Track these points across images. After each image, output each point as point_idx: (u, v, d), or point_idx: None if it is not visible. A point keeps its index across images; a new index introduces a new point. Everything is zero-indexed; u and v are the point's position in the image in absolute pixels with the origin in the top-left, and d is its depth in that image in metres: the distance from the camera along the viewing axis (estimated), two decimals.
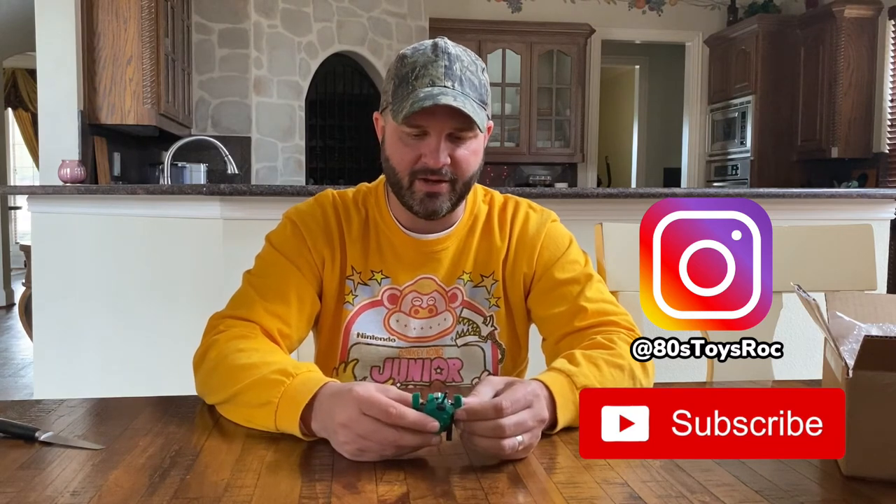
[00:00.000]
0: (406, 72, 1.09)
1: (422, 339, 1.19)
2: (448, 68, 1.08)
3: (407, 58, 1.11)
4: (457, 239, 1.20)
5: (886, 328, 0.91)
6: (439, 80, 1.07)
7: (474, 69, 1.11)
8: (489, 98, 1.14)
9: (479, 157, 1.15)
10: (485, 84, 1.13)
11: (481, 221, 1.22)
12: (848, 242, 1.47)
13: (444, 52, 1.09)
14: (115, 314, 2.89)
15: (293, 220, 1.19)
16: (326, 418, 0.86)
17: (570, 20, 6.65)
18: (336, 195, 1.22)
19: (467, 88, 1.08)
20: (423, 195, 1.11)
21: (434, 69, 1.07)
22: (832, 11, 5.64)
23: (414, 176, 1.11)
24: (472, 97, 1.08)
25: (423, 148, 1.09)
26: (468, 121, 1.07)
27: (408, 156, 1.10)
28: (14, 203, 8.10)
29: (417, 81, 1.07)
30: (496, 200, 1.24)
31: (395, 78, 1.11)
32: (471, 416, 0.82)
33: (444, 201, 1.12)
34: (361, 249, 1.19)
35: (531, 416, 0.84)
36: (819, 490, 0.78)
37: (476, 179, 1.17)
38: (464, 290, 1.20)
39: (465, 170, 1.12)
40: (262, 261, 1.17)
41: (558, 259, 1.19)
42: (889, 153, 5.58)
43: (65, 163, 3.52)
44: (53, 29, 3.78)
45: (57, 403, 1.02)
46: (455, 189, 1.13)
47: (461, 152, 1.10)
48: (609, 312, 1.13)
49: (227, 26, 4.81)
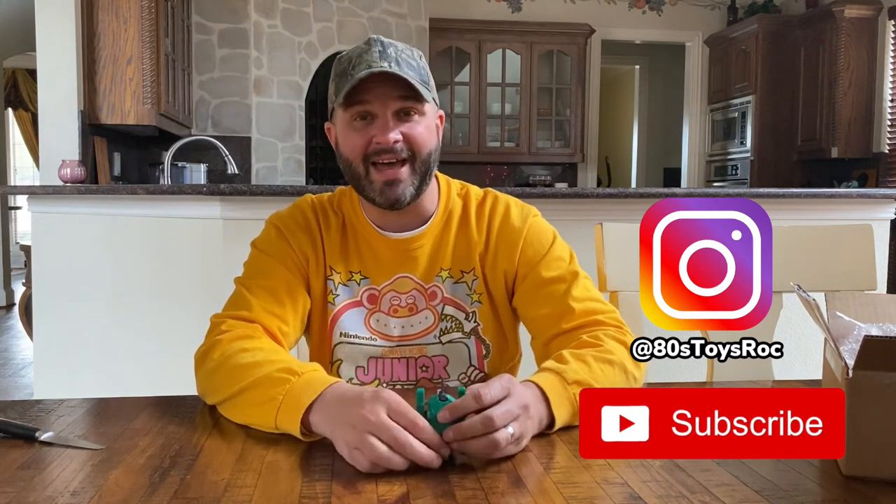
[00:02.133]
0: (343, 67, 1.12)
1: (405, 339, 1.19)
2: (382, 52, 1.10)
3: (342, 57, 1.14)
4: (432, 236, 1.20)
5: (886, 328, 0.91)
6: (375, 62, 1.09)
7: (410, 53, 1.13)
8: (431, 81, 1.15)
9: (433, 135, 1.15)
10: (424, 68, 1.14)
11: (457, 216, 1.21)
12: (848, 242, 1.47)
13: (377, 41, 1.12)
14: (115, 314, 2.89)
15: (276, 225, 1.20)
16: (337, 411, 0.84)
17: (570, 20, 6.65)
18: (314, 199, 1.24)
19: (405, 68, 1.10)
20: (381, 184, 1.12)
21: (369, 55, 1.10)
22: (832, 11, 5.64)
23: (368, 161, 1.11)
24: (411, 76, 1.10)
25: (371, 130, 1.10)
26: (412, 90, 1.08)
27: (358, 142, 1.11)
28: (14, 203, 8.10)
29: (354, 70, 1.09)
30: (473, 194, 1.23)
31: (334, 78, 1.14)
32: (452, 412, 0.81)
33: (405, 187, 1.12)
34: (340, 251, 1.20)
35: (515, 403, 0.84)
36: (819, 490, 0.78)
37: (436, 160, 1.16)
38: (443, 287, 1.19)
39: (421, 144, 1.12)
40: (251, 266, 1.19)
41: (543, 256, 1.17)
42: (889, 153, 5.58)
43: (65, 163, 3.52)
44: (53, 29, 3.78)
45: (57, 403, 1.02)
46: (414, 169, 1.12)
47: (411, 127, 1.11)
48: (596, 311, 1.13)
49: (227, 26, 4.81)
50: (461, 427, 0.81)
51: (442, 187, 1.23)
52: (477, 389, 0.82)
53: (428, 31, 5.92)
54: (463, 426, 0.81)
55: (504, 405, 0.83)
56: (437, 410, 0.82)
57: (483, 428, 0.80)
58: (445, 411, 0.82)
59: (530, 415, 0.86)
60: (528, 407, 0.86)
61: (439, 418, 0.81)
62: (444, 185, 1.23)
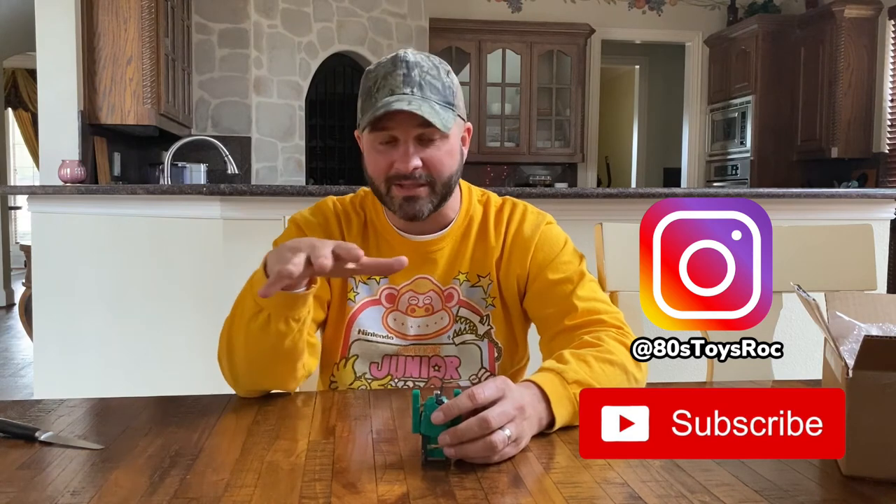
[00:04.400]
0: (369, 86, 1.15)
1: (420, 338, 1.21)
2: (406, 76, 1.12)
3: (370, 73, 1.16)
4: (452, 240, 1.23)
5: (886, 328, 0.91)
6: (398, 88, 1.11)
7: (436, 73, 1.15)
8: (457, 98, 1.17)
9: (454, 156, 1.17)
10: (449, 85, 1.16)
11: (477, 222, 1.24)
12: (848, 242, 1.47)
13: (402, 61, 1.13)
14: (115, 314, 2.89)
15: (297, 223, 1.25)
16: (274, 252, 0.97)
17: (570, 20, 6.65)
18: (336, 201, 1.27)
19: (428, 92, 1.12)
20: (401, 200, 1.15)
21: (393, 79, 1.12)
22: (832, 11, 5.64)
23: (389, 182, 1.15)
24: (433, 100, 1.12)
25: (394, 154, 1.14)
26: (429, 122, 1.10)
27: (381, 163, 1.15)
28: (14, 203, 8.10)
29: (379, 93, 1.12)
30: (493, 202, 1.27)
31: (361, 94, 1.17)
32: (446, 412, 0.81)
33: (423, 204, 1.15)
34: (361, 250, 1.20)
35: (511, 404, 0.84)
36: (819, 490, 0.78)
37: (457, 179, 1.20)
38: (460, 290, 1.22)
39: (440, 170, 1.15)
40: None
41: (552, 260, 1.20)
42: (889, 153, 5.58)
43: (65, 163, 3.52)
44: (53, 29, 3.78)
45: (57, 403, 1.02)
46: (435, 191, 1.16)
47: (433, 153, 1.14)
48: (599, 311, 1.14)
49: (227, 26, 4.81)
50: (457, 430, 0.81)
51: (464, 194, 1.26)
52: (471, 389, 0.83)
53: (428, 31, 5.92)
54: (459, 429, 0.81)
55: (500, 406, 0.83)
56: (432, 413, 0.82)
57: (479, 430, 0.80)
58: (439, 412, 0.81)
59: (527, 415, 0.87)
60: (525, 408, 0.86)
61: (433, 420, 0.81)
62: (465, 191, 1.27)
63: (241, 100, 4.84)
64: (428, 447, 0.82)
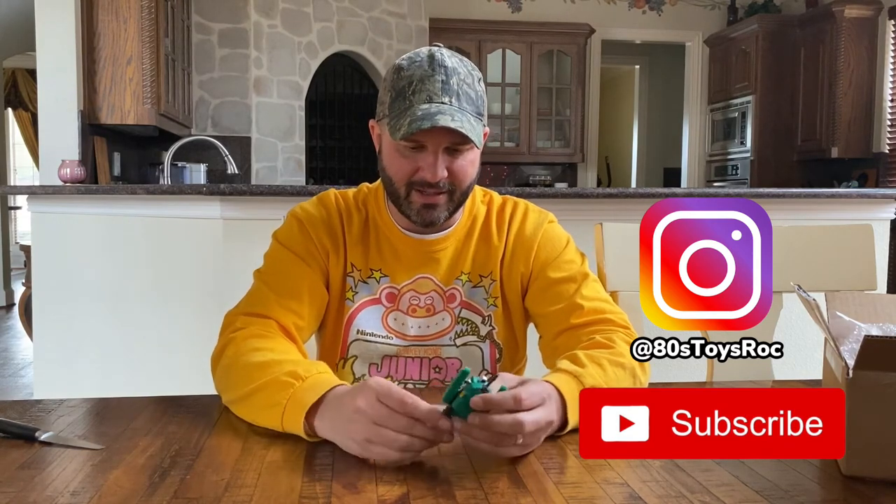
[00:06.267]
0: (403, 85, 1.09)
1: (420, 339, 1.20)
2: (445, 83, 1.08)
3: (403, 70, 1.10)
4: (455, 240, 1.21)
5: (886, 328, 0.91)
6: (436, 95, 1.07)
7: (471, 81, 1.11)
8: (486, 108, 1.14)
9: (476, 166, 1.15)
10: (481, 95, 1.13)
11: (480, 222, 1.23)
12: (848, 242, 1.47)
13: (440, 65, 1.09)
14: (115, 314, 2.89)
15: (298, 217, 1.21)
16: (336, 413, 0.86)
17: (570, 20, 6.65)
18: (338, 195, 1.24)
19: (464, 103, 1.08)
20: (420, 206, 1.13)
21: (431, 84, 1.07)
22: (832, 11, 5.64)
23: (411, 187, 1.12)
24: (469, 111, 1.08)
25: (420, 161, 1.10)
26: (465, 137, 1.07)
27: (405, 168, 1.11)
28: (14, 203, 8.10)
29: (415, 97, 1.07)
30: (495, 201, 1.26)
31: (391, 90, 1.11)
32: (488, 405, 0.80)
33: (441, 211, 1.13)
34: (361, 248, 1.20)
35: (545, 415, 0.84)
36: (819, 490, 0.78)
37: (473, 187, 1.18)
38: (462, 291, 1.21)
39: (463, 180, 1.13)
40: (271, 258, 1.19)
41: (555, 259, 1.20)
42: (889, 153, 5.58)
43: (65, 163, 3.52)
44: (53, 29, 3.78)
45: (57, 403, 1.02)
46: (453, 199, 1.14)
47: (459, 163, 1.11)
48: (605, 311, 1.14)
49: (227, 26, 4.81)
50: (490, 420, 0.80)
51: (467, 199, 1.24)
52: (519, 393, 0.82)
53: (428, 31, 5.91)
54: (492, 421, 0.80)
55: (537, 413, 0.83)
56: (472, 393, 0.81)
57: (509, 429, 0.80)
58: (480, 400, 0.80)
59: (550, 429, 0.87)
60: (553, 423, 0.87)
61: (472, 404, 0.80)
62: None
63: (241, 100, 4.84)
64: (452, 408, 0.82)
